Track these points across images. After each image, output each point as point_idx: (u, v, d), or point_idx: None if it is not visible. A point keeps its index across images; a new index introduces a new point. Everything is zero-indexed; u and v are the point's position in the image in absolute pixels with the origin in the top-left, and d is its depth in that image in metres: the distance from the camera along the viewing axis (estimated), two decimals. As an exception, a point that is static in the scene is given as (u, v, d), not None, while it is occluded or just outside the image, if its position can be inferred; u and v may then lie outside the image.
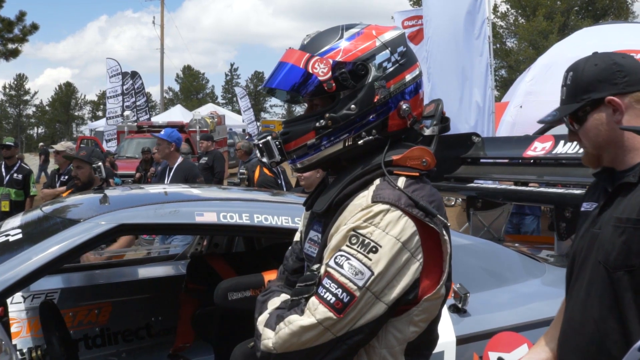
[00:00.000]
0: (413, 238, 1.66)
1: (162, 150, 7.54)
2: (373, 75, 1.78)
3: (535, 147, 4.99)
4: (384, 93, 1.78)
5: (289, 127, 1.85)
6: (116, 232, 2.61)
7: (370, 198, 1.69)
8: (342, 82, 1.76)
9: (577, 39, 11.56)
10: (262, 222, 2.81)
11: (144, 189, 3.34)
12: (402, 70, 1.82)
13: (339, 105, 1.77)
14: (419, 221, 1.68)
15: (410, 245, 1.66)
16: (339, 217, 1.74)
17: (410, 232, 1.66)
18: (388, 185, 1.71)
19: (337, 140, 1.79)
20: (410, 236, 1.66)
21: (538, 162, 4.84)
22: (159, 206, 2.75)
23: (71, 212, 2.95)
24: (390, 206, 1.66)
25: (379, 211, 1.66)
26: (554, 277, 3.36)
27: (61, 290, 3.85)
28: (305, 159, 1.84)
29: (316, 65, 1.76)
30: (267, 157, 1.88)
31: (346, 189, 1.77)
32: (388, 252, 1.63)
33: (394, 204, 1.66)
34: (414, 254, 1.66)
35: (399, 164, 1.77)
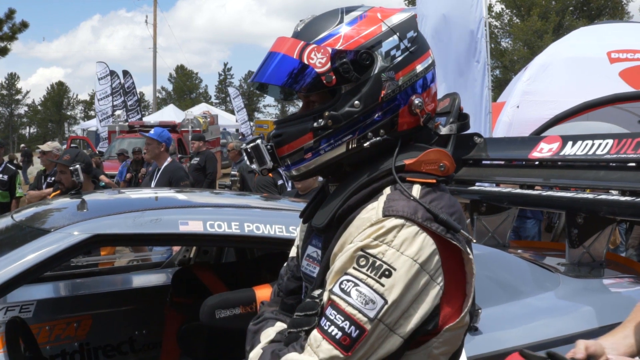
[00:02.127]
0: (432, 258, 1.41)
1: (152, 151, 7.17)
2: (379, 66, 1.53)
3: (541, 149, 4.77)
4: (393, 86, 1.53)
5: (282, 128, 1.60)
6: (90, 243, 2.36)
7: (381, 211, 1.44)
8: (344, 74, 1.51)
9: (573, 38, 11.50)
10: (254, 231, 2.55)
11: (125, 194, 3.07)
12: (413, 59, 1.57)
13: (340, 102, 1.53)
14: (439, 237, 1.43)
15: (430, 267, 1.41)
16: (344, 233, 1.49)
17: (430, 251, 1.41)
18: (401, 195, 1.46)
19: (339, 142, 1.54)
20: (430, 256, 1.41)
21: (545, 164, 4.60)
22: (138, 214, 2.48)
23: (42, 221, 2.69)
24: (405, 220, 1.41)
25: (392, 227, 1.41)
26: (568, 290, 3.12)
27: (37, 302, 3.56)
28: (301, 165, 1.58)
29: (312, 54, 1.51)
30: (257, 163, 1.62)
31: (350, 200, 1.52)
32: (404, 276, 1.38)
33: (410, 218, 1.41)
34: (433, 276, 1.41)
35: (412, 170, 1.52)
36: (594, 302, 3.01)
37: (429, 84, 1.60)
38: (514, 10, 41.49)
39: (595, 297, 3.10)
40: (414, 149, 1.56)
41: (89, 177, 5.79)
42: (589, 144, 4.19)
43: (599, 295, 3.19)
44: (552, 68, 9.78)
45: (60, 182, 5.60)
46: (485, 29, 9.23)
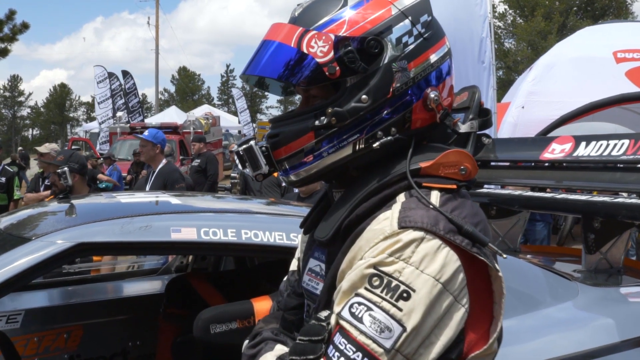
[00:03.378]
0: (457, 276, 1.23)
1: (147, 153, 6.93)
2: (390, 55, 1.35)
3: (553, 149, 4.61)
4: (405, 78, 1.36)
5: (278, 127, 1.43)
6: (74, 252, 2.18)
7: (396, 222, 1.25)
8: (349, 64, 1.33)
9: (578, 38, 11.39)
10: (252, 239, 2.36)
11: (115, 198, 2.88)
12: (427, 46, 1.39)
13: (345, 96, 1.35)
14: (464, 252, 1.24)
15: (454, 287, 1.23)
16: (352, 247, 1.30)
17: (454, 268, 1.23)
18: (418, 203, 1.28)
19: (344, 143, 1.36)
20: (454, 274, 1.23)
21: (557, 165, 4.42)
22: (127, 220, 2.30)
23: (24, 228, 2.50)
24: (425, 233, 1.23)
25: (409, 241, 1.22)
26: (588, 299, 2.93)
27: (25, 311, 3.37)
28: (301, 169, 1.41)
29: (313, 42, 1.34)
30: (251, 167, 1.45)
31: (359, 209, 1.33)
32: (424, 298, 1.19)
33: (430, 230, 1.23)
34: (457, 297, 1.23)
35: (428, 174, 1.33)
36: (615, 313, 2.82)
37: (445, 76, 1.42)
38: (517, 11, 41.34)
39: (616, 308, 2.92)
40: (430, 150, 1.38)
41: (83, 178, 5.59)
42: (603, 144, 4.01)
43: (619, 305, 3.00)
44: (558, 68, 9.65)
45: (54, 184, 5.39)
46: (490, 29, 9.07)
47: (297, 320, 1.60)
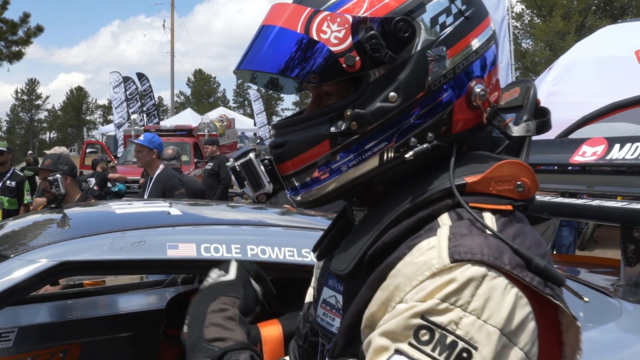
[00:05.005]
0: (527, 325, 0.95)
1: (143, 158, 6.57)
2: (423, 40, 1.06)
3: (584, 152, 4.35)
4: (444, 69, 1.07)
5: (284, 134, 1.15)
6: (56, 272, 1.93)
7: (447, 252, 0.95)
8: (372, 53, 1.04)
9: (599, 37, 11.07)
10: (258, 255, 2.10)
11: (110, 208, 2.62)
12: (470, 28, 1.11)
13: (367, 95, 1.07)
14: (534, 293, 0.96)
15: (524, 340, 0.94)
16: (383, 284, 1.01)
17: (523, 316, 0.94)
18: (471, 228, 0.99)
19: (369, 153, 1.08)
20: (523, 322, 0.94)
21: (588, 169, 4.14)
22: (118, 235, 2.04)
23: (4, 243, 2.24)
24: (487, 269, 0.94)
25: (468, 280, 0.93)
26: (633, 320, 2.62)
27: (19, 329, 3.13)
28: (314, 187, 1.12)
29: (325, 26, 1.06)
30: (251, 186, 1.16)
31: (386, 235, 1.04)
32: (489, 358, 0.91)
33: (494, 265, 0.94)
34: (529, 353, 0.95)
35: (476, 191, 1.05)
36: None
37: (490, 66, 1.14)
38: (534, 11, 40.90)
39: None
40: (476, 160, 1.09)
41: (74, 180, 5.31)
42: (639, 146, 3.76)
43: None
44: (578, 68, 9.37)
45: (46, 190, 5.10)
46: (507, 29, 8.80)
47: None
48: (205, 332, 1.14)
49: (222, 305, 1.22)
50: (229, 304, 1.23)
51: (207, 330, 1.14)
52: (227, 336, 1.12)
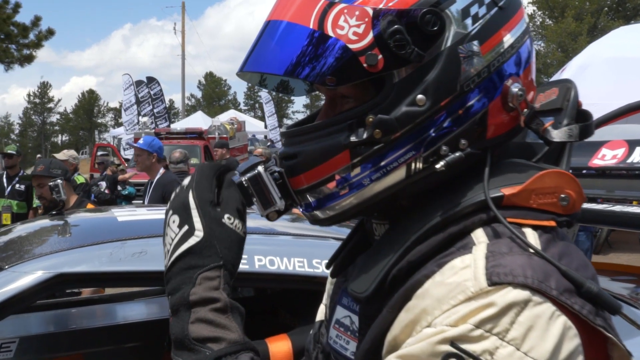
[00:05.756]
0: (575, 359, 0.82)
1: (142, 162, 6.34)
2: (454, 34, 0.94)
3: (603, 155, 4.22)
4: (477, 67, 0.94)
5: (297, 143, 1.02)
6: (51, 285, 1.81)
7: (483, 273, 0.83)
8: (397, 50, 0.92)
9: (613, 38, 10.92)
10: (266, 266, 1.98)
11: (112, 215, 2.51)
12: (505, 19, 0.98)
13: (391, 98, 0.94)
14: (584, 323, 0.84)
15: None
16: (409, 305, 0.89)
17: (571, 349, 0.82)
18: (512, 245, 0.87)
19: (395, 164, 0.95)
20: (570, 357, 0.82)
21: (608, 173, 4.02)
22: (118, 245, 1.93)
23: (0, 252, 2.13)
24: (531, 293, 0.81)
25: (508, 305, 0.80)
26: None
27: (20, 339, 3.03)
28: (332, 203, 1.00)
29: (342, 21, 0.93)
30: (260, 204, 1.03)
31: (412, 253, 0.92)
32: None
33: (539, 289, 0.81)
34: None
35: (515, 204, 0.92)
36: None
37: (525, 63, 1.01)
38: (546, 12, 40.66)
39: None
40: (512, 169, 0.97)
41: (68, 184, 5.20)
42: (662, 149, 3.66)
43: None
44: (592, 69, 9.22)
45: (42, 197, 4.97)
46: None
47: None
48: (191, 330, 0.92)
49: (205, 293, 0.95)
50: (213, 284, 0.96)
51: (193, 328, 0.93)
52: (219, 335, 0.93)
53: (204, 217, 0.98)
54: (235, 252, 1.00)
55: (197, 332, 0.92)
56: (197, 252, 0.97)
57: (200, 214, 0.99)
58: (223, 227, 0.98)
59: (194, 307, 0.94)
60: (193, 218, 0.99)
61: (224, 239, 0.98)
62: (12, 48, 19.21)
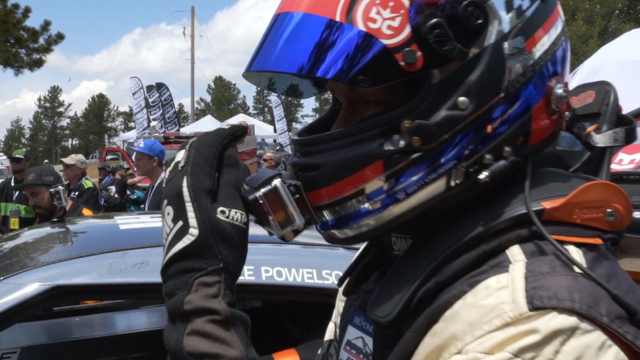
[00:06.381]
0: None
1: (143, 167, 6.13)
2: (498, 29, 0.84)
3: (620, 160, 4.13)
4: (523, 65, 0.85)
5: (319, 152, 0.89)
6: (49, 298, 1.73)
7: (523, 295, 0.73)
8: (437, 47, 0.81)
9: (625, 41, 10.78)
10: (273, 278, 1.89)
11: (114, 222, 2.42)
12: (547, 13, 0.89)
13: (431, 101, 0.83)
14: (636, 354, 0.74)
15: None
16: (435, 328, 0.80)
17: None
18: (554, 265, 0.77)
19: (434, 175, 0.85)
20: None
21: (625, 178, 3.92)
22: (118, 255, 1.84)
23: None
24: (578, 320, 0.71)
25: (553, 333, 0.70)
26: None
27: (21, 349, 2.94)
28: (360, 221, 0.88)
29: (374, 12, 0.82)
30: (277, 223, 0.89)
31: (444, 272, 0.82)
32: None
33: (588, 315, 0.72)
34: None
35: (557, 219, 0.82)
36: None
37: (564, 62, 0.92)
38: (557, 15, 40.61)
39: None
40: (552, 180, 0.87)
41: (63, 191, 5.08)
42: (683, 153, 3.55)
43: None
44: (604, 72, 9.10)
45: (37, 205, 4.86)
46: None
47: None
48: (186, 343, 0.80)
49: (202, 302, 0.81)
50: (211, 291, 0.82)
51: (188, 341, 0.80)
52: (217, 352, 0.80)
53: (200, 212, 0.83)
54: (238, 250, 0.85)
55: (192, 346, 0.80)
56: (192, 254, 0.82)
57: (195, 207, 0.83)
58: (221, 223, 0.83)
59: (190, 317, 0.81)
60: (187, 213, 0.83)
61: (223, 237, 0.83)
62: (22, 52, 19.25)
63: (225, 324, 0.80)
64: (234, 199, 0.85)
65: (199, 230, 0.82)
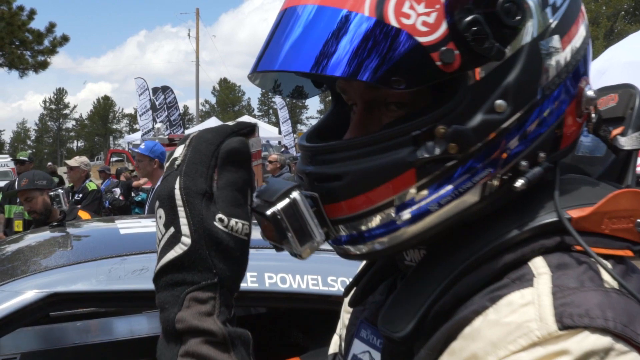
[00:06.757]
0: None
1: (144, 168, 5.96)
2: (534, 26, 0.79)
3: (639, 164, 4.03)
4: (559, 65, 0.80)
5: (339, 161, 0.81)
6: (45, 305, 1.67)
7: (552, 313, 0.68)
8: (476, 46, 0.75)
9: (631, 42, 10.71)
10: (277, 285, 1.84)
11: (115, 226, 2.36)
12: (577, 9, 0.84)
13: (467, 104, 0.77)
14: None
15: None
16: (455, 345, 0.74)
17: None
18: (583, 279, 0.71)
19: (469, 184, 0.78)
20: None
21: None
22: (117, 261, 1.79)
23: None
24: (613, 340, 0.66)
25: (585, 354, 0.65)
26: None
27: (22, 355, 2.88)
28: (385, 236, 0.80)
29: (406, 7, 0.74)
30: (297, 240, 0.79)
31: (462, 284, 0.76)
32: None
33: (622, 335, 0.66)
34: None
35: (584, 229, 0.76)
36: None
37: (588, 62, 0.87)
38: (562, 16, 40.54)
39: None
40: (578, 187, 0.82)
41: None
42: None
43: None
44: (610, 73, 9.02)
45: (32, 210, 4.81)
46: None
47: None
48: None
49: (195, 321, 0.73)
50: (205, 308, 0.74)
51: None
52: None
53: (193, 218, 0.75)
54: (236, 264, 0.76)
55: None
56: (184, 266, 0.74)
57: (187, 213, 0.75)
58: (218, 233, 0.75)
59: (182, 337, 0.73)
60: (179, 219, 0.75)
61: (219, 248, 0.75)
62: (27, 54, 19.27)
63: (224, 345, 0.73)
64: (235, 206, 0.76)
65: (192, 240, 0.74)
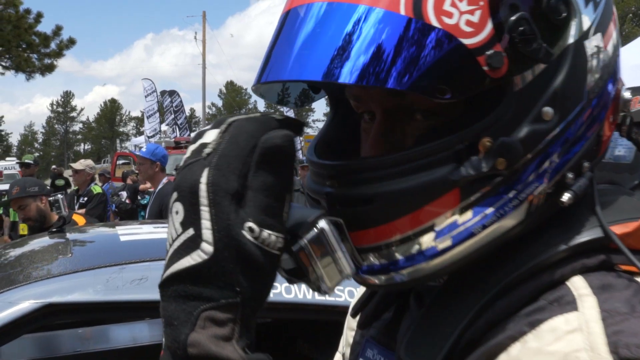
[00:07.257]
0: None
1: (145, 171, 5.88)
2: (578, 25, 0.71)
3: None
4: (603, 66, 0.74)
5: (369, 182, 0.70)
6: (41, 316, 1.61)
7: (604, 342, 0.59)
8: (523, 47, 0.66)
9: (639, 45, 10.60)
10: (281, 295, 1.77)
11: (115, 232, 2.30)
12: (611, 6, 0.78)
13: (513, 113, 0.68)
14: None
15: None
16: None
17: None
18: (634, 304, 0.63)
19: (515, 202, 0.69)
20: None
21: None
22: (116, 270, 1.73)
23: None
24: None
25: None
26: None
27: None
28: (421, 263, 0.70)
29: (448, 4, 0.65)
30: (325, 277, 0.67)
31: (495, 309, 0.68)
32: None
33: None
34: None
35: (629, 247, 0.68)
36: None
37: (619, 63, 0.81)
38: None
39: None
40: (616, 198, 0.75)
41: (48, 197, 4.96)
42: None
43: None
44: (618, 76, 8.98)
45: (26, 218, 4.75)
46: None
47: None
48: None
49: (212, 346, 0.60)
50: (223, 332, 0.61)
51: None
52: None
53: (219, 222, 0.61)
54: (262, 282, 0.64)
55: None
56: (201, 277, 0.61)
57: (212, 215, 0.61)
58: (247, 245, 0.61)
59: None
60: (201, 220, 0.61)
61: (247, 263, 0.62)
62: (34, 57, 19.28)
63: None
64: (268, 215, 0.63)
65: (214, 248, 0.61)
